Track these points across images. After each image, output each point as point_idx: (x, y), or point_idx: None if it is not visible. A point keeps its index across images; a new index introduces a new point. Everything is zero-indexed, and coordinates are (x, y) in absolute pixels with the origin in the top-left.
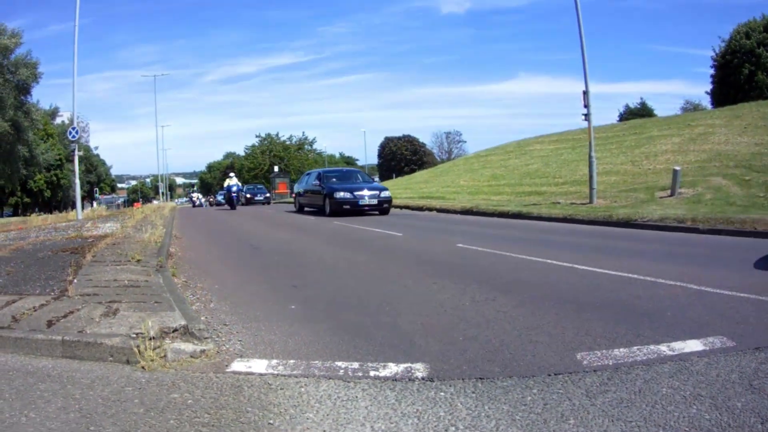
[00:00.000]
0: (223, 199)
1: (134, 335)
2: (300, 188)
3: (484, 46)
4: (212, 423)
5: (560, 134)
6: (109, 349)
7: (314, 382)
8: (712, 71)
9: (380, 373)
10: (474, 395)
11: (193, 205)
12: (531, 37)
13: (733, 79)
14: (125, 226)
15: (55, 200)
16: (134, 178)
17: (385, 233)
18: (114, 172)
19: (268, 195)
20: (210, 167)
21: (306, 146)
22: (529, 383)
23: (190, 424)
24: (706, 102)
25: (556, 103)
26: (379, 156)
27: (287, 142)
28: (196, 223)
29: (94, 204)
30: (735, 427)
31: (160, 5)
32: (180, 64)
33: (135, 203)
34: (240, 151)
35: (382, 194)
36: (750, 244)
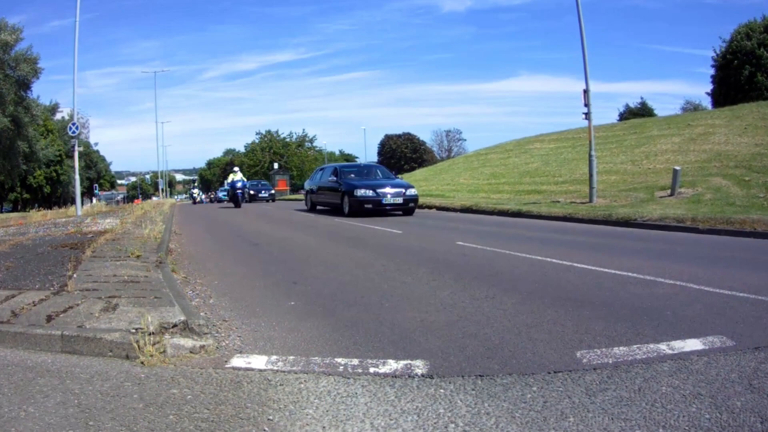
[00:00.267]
0: (225, 195)
1: (134, 330)
2: (312, 185)
3: (485, 44)
4: (211, 418)
5: (560, 133)
6: (108, 344)
7: (314, 378)
8: (712, 71)
9: (380, 370)
10: (474, 392)
11: (194, 202)
12: (532, 35)
13: (734, 80)
14: (125, 222)
15: (55, 196)
16: (134, 174)
17: (385, 230)
18: (114, 168)
19: (272, 192)
20: (210, 164)
21: (306, 143)
22: (529, 381)
23: (190, 419)
24: (707, 102)
25: (556, 101)
26: (379, 154)
27: (287, 140)
28: (197, 223)
29: (94, 200)
30: (734, 426)
31: (161, 1)
32: (180, 60)
33: (135, 200)
34: (240, 148)
35: (407, 192)
36: (749, 244)
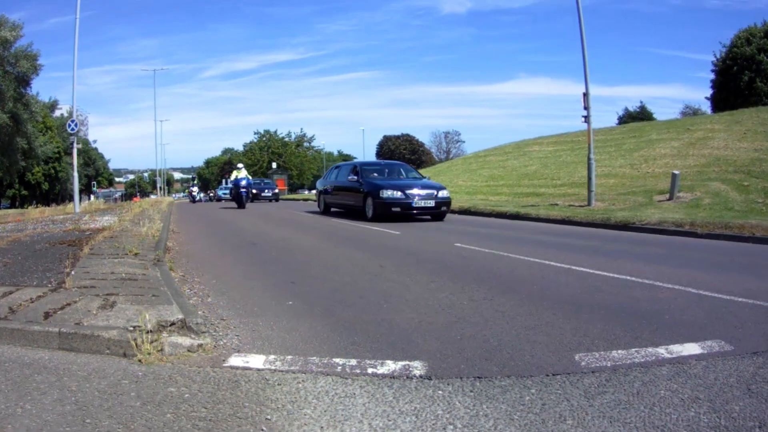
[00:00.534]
0: (226, 194)
1: (131, 328)
2: (325, 185)
3: (485, 46)
4: (209, 417)
5: (559, 136)
6: (105, 342)
7: (312, 378)
8: (712, 76)
9: (378, 371)
10: (472, 394)
11: (193, 200)
12: (532, 38)
13: (733, 85)
14: (123, 220)
15: (53, 193)
16: (132, 172)
17: (383, 231)
18: (112, 166)
19: (276, 191)
20: (208, 163)
21: (305, 143)
22: (528, 383)
23: (187, 418)
24: (706, 107)
25: (555, 104)
26: (378, 155)
27: (286, 139)
28: (197, 224)
29: (92, 197)
30: (733, 430)
31: None
32: (180, 59)
33: (134, 197)
34: (239, 148)
35: (439, 194)
36: (748, 249)
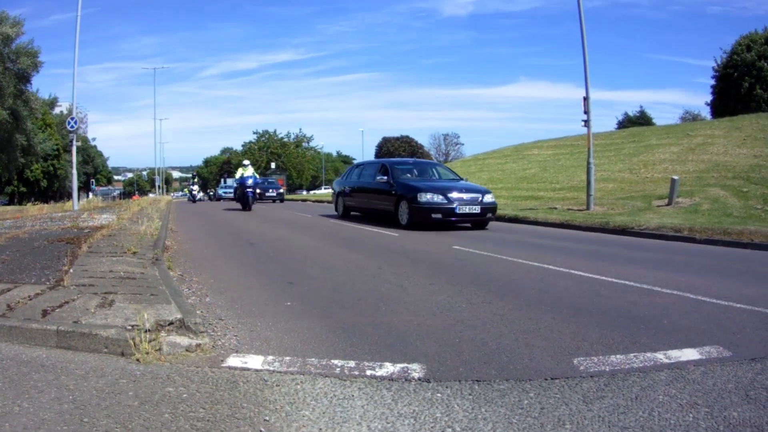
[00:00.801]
0: (226, 192)
1: (129, 327)
2: (344, 185)
3: (486, 49)
4: (207, 418)
5: (558, 140)
6: (104, 341)
7: (310, 379)
8: (712, 82)
9: (377, 373)
10: (471, 397)
11: (193, 200)
12: (532, 41)
13: (734, 91)
14: (121, 218)
15: (52, 190)
16: (131, 170)
17: (381, 232)
18: (111, 164)
19: (281, 191)
20: (207, 162)
21: (304, 143)
22: (526, 387)
23: (185, 418)
24: (706, 112)
25: (555, 108)
26: (377, 156)
27: (285, 139)
28: (198, 228)
29: (91, 195)
30: None
31: None
32: (180, 58)
33: (133, 195)
34: (238, 147)
35: (485, 199)
36: (746, 255)
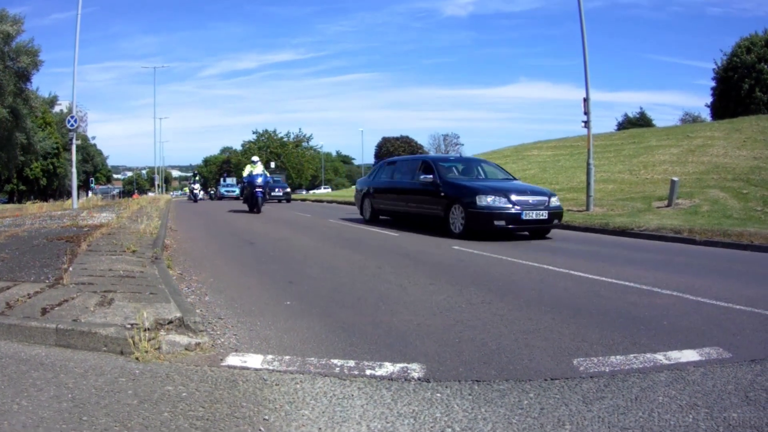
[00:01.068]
0: (230, 191)
1: (129, 326)
2: (372, 185)
3: (486, 49)
4: (207, 417)
5: (558, 140)
6: (103, 339)
7: (310, 378)
8: (713, 84)
9: (376, 372)
10: (470, 397)
11: (195, 200)
12: (533, 42)
13: (734, 93)
14: (121, 217)
15: (51, 189)
16: (130, 169)
17: (381, 232)
18: (110, 162)
19: (288, 190)
20: (206, 161)
21: (303, 143)
22: (526, 387)
23: (185, 417)
24: (706, 114)
25: (555, 109)
26: (376, 156)
27: (285, 139)
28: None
29: (90, 194)
30: None
31: None
32: (180, 57)
33: (133, 194)
34: (237, 147)
35: (551, 202)
36: (746, 257)
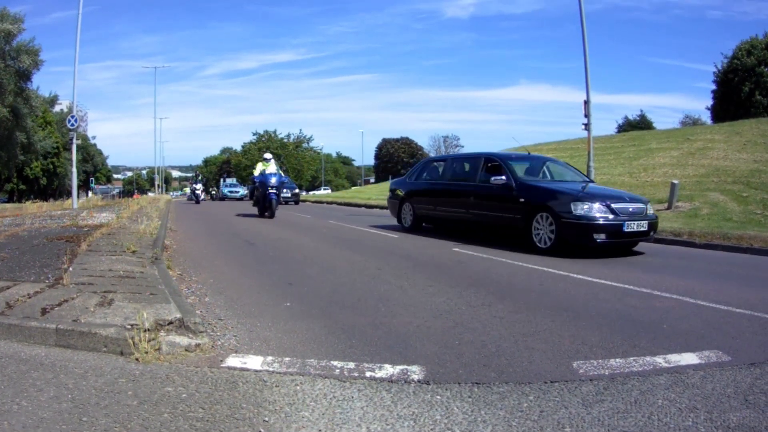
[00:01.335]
0: (234, 192)
1: (129, 326)
2: (413, 186)
3: (486, 51)
4: (206, 418)
5: (558, 143)
6: (103, 340)
7: (310, 380)
8: (713, 87)
9: (376, 374)
10: (470, 400)
11: (197, 201)
12: (533, 44)
13: (734, 97)
14: (121, 217)
15: (51, 188)
16: (130, 169)
17: (381, 234)
18: (110, 162)
19: (297, 191)
20: (206, 161)
21: (303, 144)
22: (526, 390)
23: (184, 418)
24: (706, 117)
25: (555, 111)
26: (376, 157)
27: (285, 140)
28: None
29: (90, 193)
30: None
31: None
32: (180, 57)
33: (134, 194)
34: (237, 147)
35: (648, 211)
36: (746, 260)
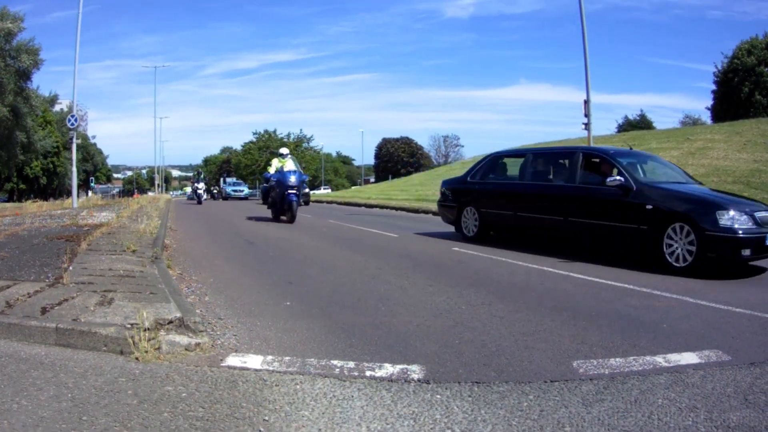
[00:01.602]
0: (237, 191)
1: (129, 326)
2: (477, 186)
3: (486, 51)
4: (206, 417)
5: (559, 142)
6: (103, 339)
7: (310, 379)
8: (713, 87)
9: (376, 374)
10: (470, 399)
11: (199, 201)
12: (534, 44)
13: (734, 96)
14: (120, 216)
15: (51, 187)
16: (130, 168)
17: (381, 234)
18: (110, 161)
19: (306, 190)
20: (206, 161)
21: (304, 144)
22: (526, 389)
23: (184, 417)
24: (706, 117)
25: (555, 111)
26: (376, 157)
27: (285, 140)
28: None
29: (90, 193)
30: None
31: None
32: (181, 56)
33: (134, 194)
34: (237, 146)
35: None
36: None
